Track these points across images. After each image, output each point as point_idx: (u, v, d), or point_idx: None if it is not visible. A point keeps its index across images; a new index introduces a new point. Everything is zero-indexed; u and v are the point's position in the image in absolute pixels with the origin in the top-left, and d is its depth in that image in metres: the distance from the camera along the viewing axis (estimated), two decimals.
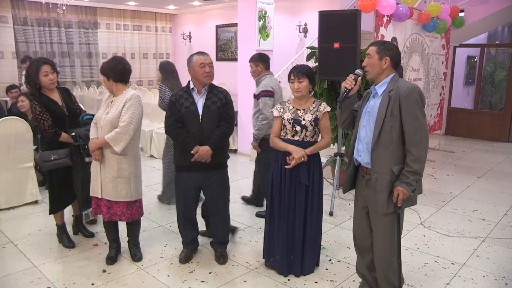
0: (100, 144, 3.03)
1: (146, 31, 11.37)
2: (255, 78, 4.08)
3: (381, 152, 2.38)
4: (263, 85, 3.93)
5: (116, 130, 2.99)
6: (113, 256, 3.26)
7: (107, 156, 3.07)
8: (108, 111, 3.07)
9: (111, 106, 3.08)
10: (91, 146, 3.05)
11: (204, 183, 3.16)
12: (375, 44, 2.47)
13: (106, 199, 3.11)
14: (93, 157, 3.08)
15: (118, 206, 3.13)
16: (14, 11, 8.98)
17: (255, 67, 4.04)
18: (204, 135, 3.04)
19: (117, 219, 3.18)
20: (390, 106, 2.34)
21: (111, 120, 3.01)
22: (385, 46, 2.43)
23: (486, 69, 10.11)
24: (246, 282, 3.02)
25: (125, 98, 3.03)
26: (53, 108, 3.28)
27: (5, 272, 3.12)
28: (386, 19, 5.04)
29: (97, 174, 3.12)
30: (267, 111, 3.80)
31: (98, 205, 3.19)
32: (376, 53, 2.41)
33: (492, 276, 3.13)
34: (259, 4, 6.56)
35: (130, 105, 3.01)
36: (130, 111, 3.01)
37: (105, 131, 3.02)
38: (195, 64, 3.04)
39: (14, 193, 4.39)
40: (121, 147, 3.00)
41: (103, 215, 3.17)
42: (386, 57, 2.40)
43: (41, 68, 3.21)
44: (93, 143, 3.06)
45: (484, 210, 4.50)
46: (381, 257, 2.54)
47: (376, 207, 2.45)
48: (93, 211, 3.24)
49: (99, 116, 3.10)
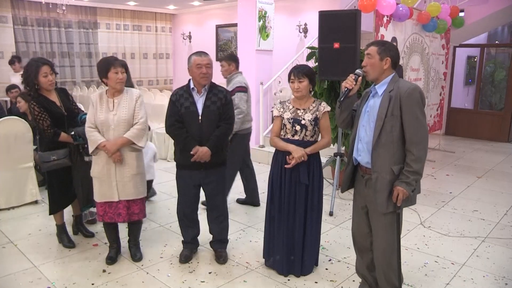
0: (122, 144, 3.01)
1: (146, 31, 11.37)
2: (227, 76, 4.21)
3: (381, 151, 2.38)
4: (237, 81, 4.09)
5: (136, 127, 3.05)
6: (113, 256, 3.26)
7: (125, 155, 3.07)
8: (116, 112, 3.04)
9: (116, 106, 3.05)
10: (112, 148, 2.98)
11: (204, 180, 3.16)
12: (375, 44, 2.46)
13: (125, 200, 3.11)
14: (114, 159, 3.01)
15: (136, 204, 3.17)
16: (14, 11, 8.97)
17: (228, 66, 4.18)
18: (203, 135, 3.04)
19: (136, 218, 3.20)
20: (390, 106, 2.35)
21: (127, 119, 3.04)
22: (386, 47, 2.43)
23: (486, 69, 10.10)
24: (246, 282, 3.02)
25: (134, 96, 3.09)
26: (51, 109, 3.27)
27: (5, 272, 3.12)
28: (386, 19, 5.04)
29: (110, 177, 3.06)
30: (242, 105, 3.99)
31: (105, 212, 3.11)
32: (377, 53, 2.41)
33: (492, 276, 3.13)
34: (259, 4, 6.56)
35: (141, 101, 3.13)
36: (143, 107, 3.13)
37: (121, 131, 3.03)
38: (193, 64, 3.04)
39: (14, 193, 4.39)
40: (144, 143, 3.11)
41: (122, 218, 3.12)
42: (387, 57, 2.40)
43: (41, 69, 3.20)
44: (114, 144, 2.99)
45: (484, 210, 4.50)
46: (381, 256, 2.54)
47: (376, 206, 2.45)
48: (99, 217, 3.15)
49: (104, 118, 3.02)
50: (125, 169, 3.08)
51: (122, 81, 3.04)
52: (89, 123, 3.05)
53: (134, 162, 3.11)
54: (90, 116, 3.07)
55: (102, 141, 3.00)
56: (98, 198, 3.12)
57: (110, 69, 2.98)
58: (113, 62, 3.02)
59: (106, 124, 3.03)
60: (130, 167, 3.09)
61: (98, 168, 3.08)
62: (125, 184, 3.08)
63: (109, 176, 3.06)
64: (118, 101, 3.07)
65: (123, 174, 3.07)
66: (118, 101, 3.07)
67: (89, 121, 3.06)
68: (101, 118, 3.03)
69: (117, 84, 3.02)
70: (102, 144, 2.99)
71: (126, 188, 3.09)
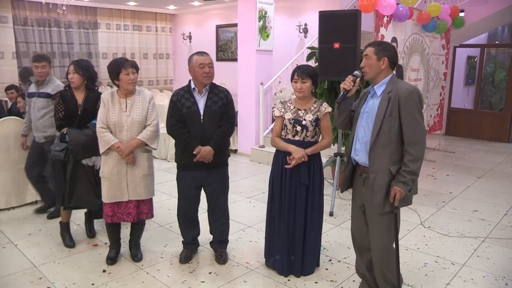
0: (136, 146, 3.03)
1: (146, 31, 11.36)
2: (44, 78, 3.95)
3: (379, 152, 2.39)
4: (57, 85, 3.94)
5: (149, 129, 3.07)
6: (114, 256, 3.26)
7: (137, 156, 3.08)
8: (129, 113, 3.03)
9: (129, 107, 3.04)
10: (126, 150, 2.98)
11: (205, 181, 3.16)
12: (372, 45, 2.48)
13: (135, 200, 3.12)
14: (127, 160, 3.02)
15: (144, 204, 3.19)
16: (14, 11, 8.96)
17: (48, 68, 3.98)
18: (205, 135, 3.04)
19: (144, 217, 3.22)
20: (389, 107, 2.37)
21: (141, 120, 3.06)
22: (383, 47, 2.44)
23: (486, 69, 10.10)
24: (246, 282, 3.02)
25: (146, 97, 3.12)
26: (68, 104, 3.37)
27: (5, 272, 3.12)
28: (386, 19, 5.03)
29: (121, 178, 3.05)
30: None
31: (114, 212, 3.11)
32: (374, 54, 2.43)
33: (492, 276, 3.13)
34: (259, 4, 6.57)
35: (153, 103, 3.17)
36: (155, 109, 3.17)
37: (134, 132, 3.04)
38: (195, 64, 3.04)
39: (14, 193, 4.40)
40: (157, 144, 3.15)
41: (131, 217, 3.13)
42: (384, 57, 2.42)
43: (69, 68, 3.42)
44: (128, 146, 2.99)
45: (484, 210, 4.50)
46: (379, 256, 2.55)
47: (373, 206, 2.46)
48: (108, 218, 3.12)
49: (117, 119, 3.00)
50: (136, 170, 3.08)
51: (134, 81, 3.03)
52: (100, 123, 3.02)
53: (146, 163, 3.13)
54: (101, 116, 3.03)
55: (116, 142, 2.99)
56: (107, 199, 3.08)
57: (121, 70, 2.98)
58: (124, 63, 3.01)
59: (119, 125, 3.02)
60: (142, 168, 3.11)
61: (108, 168, 3.05)
62: (136, 184, 3.09)
63: (120, 176, 3.05)
64: (131, 102, 3.06)
65: (135, 174, 3.08)
66: (131, 102, 3.06)
67: (101, 121, 3.03)
68: (114, 119, 3.01)
69: (129, 85, 3.01)
70: (116, 146, 2.98)
71: (138, 188, 3.10)
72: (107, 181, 3.06)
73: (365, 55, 2.47)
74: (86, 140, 3.19)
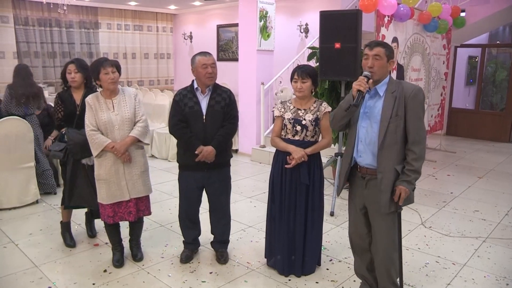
0: (131, 144, 3.04)
1: (147, 31, 11.37)
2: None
3: (386, 152, 2.40)
4: None
5: (140, 125, 3.10)
6: (120, 258, 3.24)
7: (133, 153, 3.09)
8: (117, 112, 3.03)
9: (116, 106, 3.05)
10: (121, 148, 2.97)
11: (207, 181, 3.16)
12: (381, 45, 2.44)
13: (135, 197, 3.13)
14: (123, 159, 3.01)
15: (142, 201, 3.21)
16: (15, 11, 8.97)
17: None
18: (207, 135, 3.04)
19: (142, 215, 3.25)
20: (395, 106, 2.38)
21: (131, 117, 3.08)
22: (390, 49, 2.45)
23: (487, 69, 10.09)
24: (247, 282, 3.02)
25: (131, 95, 3.15)
26: (67, 103, 3.38)
27: (6, 272, 3.12)
28: (387, 19, 5.03)
29: (119, 177, 3.04)
30: None
31: (115, 212, 3.11)
32: (385, 55, 2.42)
33: (493, 276, 3.13)
34: (260, 4, 6.57)
35: (139, 99, 3.20)
36: (141, 104, 3.20)
37: (126, 130, 3.05)
38: (198, 65, 3.04)
39: (15, 193, 4.40)
40: (149, 139, 3.22)
41: (132, 216, 3.13)
42: (392, 59, 2.44)
43: (67, 67, 3.39)
44: (123, 144, 2.99)
45: (485, 210, 4.50)
46: (383, 255, 2.55)
47: (379, 207, 2.45)
48: (110, 219, 3.10)
49: (106, 119, 2.99)
50: (133, 168, 3.09)
51: (114, 80, 3.01)
52: (90, 126, 2.99)
53: (141, 159, 3.16)
54: (90, 119, 3.00)
55: (109, 143, 2.97)
56: (107, 200, 3.05)
57: (101, 70, 2.97)
58: (103, 63, 3.00)
59: (110, 124, 3.01)
60: (138, 164, 3.13)
61: (105, 170, 3.03)
62: (135, 182, 3.09)
63: (118, 176, 3.04)
64: (117, 102, 3.06)
65: (132, 172, 3.08)
66: (117, 101, 3.07)
67: (90, 123, 2.99)
68: (104, 119, 3.00)
69: (109, 84, 2.99)
70: (110, 146, 2.96)
71: (136, 186, 3.11)
72: (106, 183, 3.04)
73: (375, 55, 2.40)
74: (84, 139, 3.19)
